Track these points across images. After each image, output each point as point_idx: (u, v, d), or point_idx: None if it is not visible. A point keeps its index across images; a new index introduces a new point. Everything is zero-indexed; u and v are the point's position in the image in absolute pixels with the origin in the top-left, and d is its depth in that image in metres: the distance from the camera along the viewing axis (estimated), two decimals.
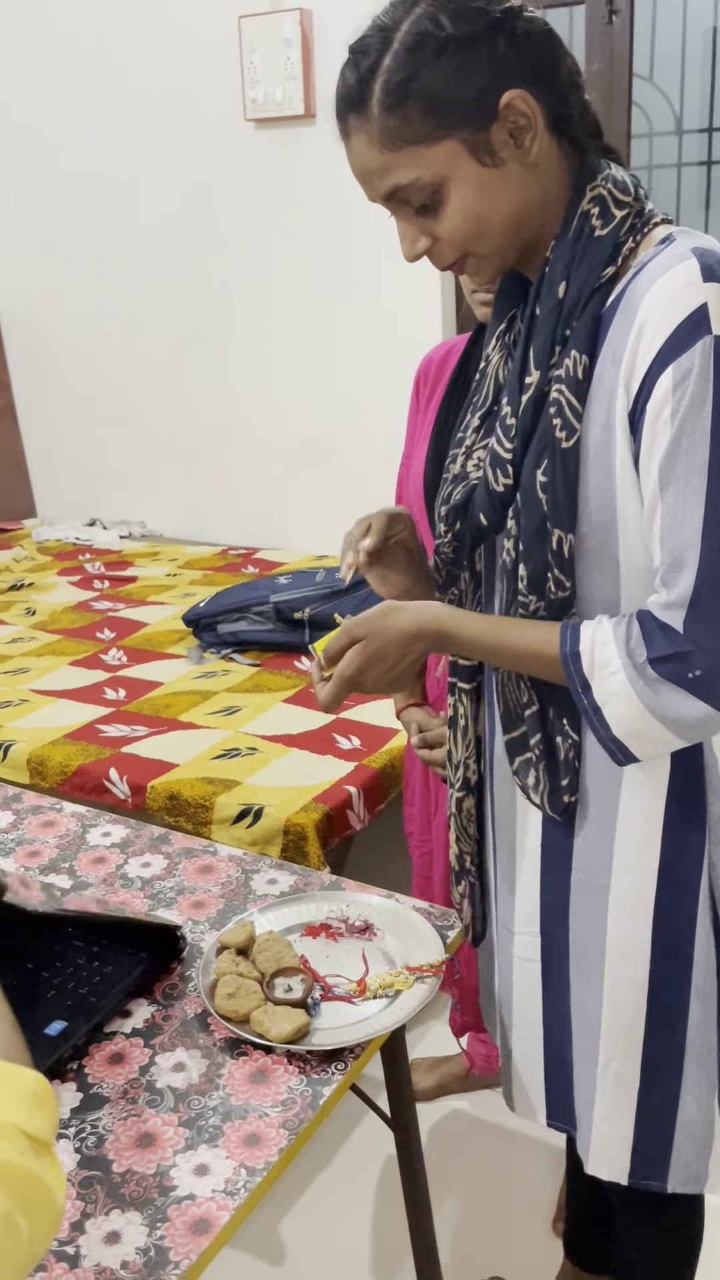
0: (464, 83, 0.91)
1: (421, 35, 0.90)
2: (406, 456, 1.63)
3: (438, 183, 0.94)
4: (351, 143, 0.97)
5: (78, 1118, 0.98)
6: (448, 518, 1.09)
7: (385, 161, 0.95)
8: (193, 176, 3.34)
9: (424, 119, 0.92)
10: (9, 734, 2.23)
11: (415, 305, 3.03)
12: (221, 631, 2.68)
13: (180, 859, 1.40)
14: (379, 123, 0.93)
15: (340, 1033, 1.06)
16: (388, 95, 0.92)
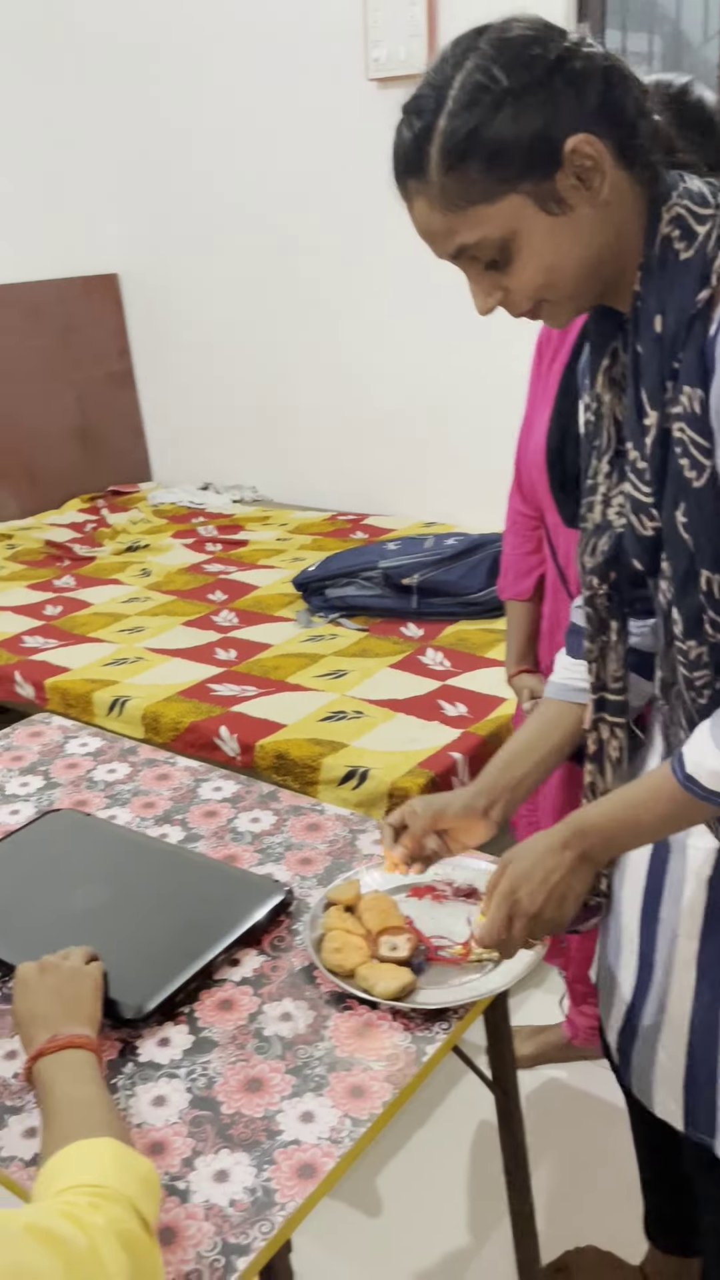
0: (524, 134, 0.86)
1: (475, 90, 0.86)
2: (528, 420, 1.60)
3: (505, 238, 0.91)
4: (413, 205, 0.94)
5: (189, 1059, 1.01)
6: (599, 570, 1.05)
7: (449, 223, 0.92)
8: (311, 138, 3.33)
9: (485, 176, 0.88)
10: (125, 690, 2.29)
11: None
12: (330, 596, 2.70)
13: (288, 816, 1.42)
14: (439, 185, 0.90)
15: (444, 993, 1.07)
16: (445, 157, 0.89)
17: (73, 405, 3.99)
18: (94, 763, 1.60)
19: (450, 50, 0.90)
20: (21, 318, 3.76)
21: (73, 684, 2.35)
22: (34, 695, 2.42)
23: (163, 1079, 0.99)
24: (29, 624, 2.77)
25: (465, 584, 2.58)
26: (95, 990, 1.02)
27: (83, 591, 3.03)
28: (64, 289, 3.88)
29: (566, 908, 1.02)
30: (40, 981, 1.01)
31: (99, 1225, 0.71)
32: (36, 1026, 0.96)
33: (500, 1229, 1.69)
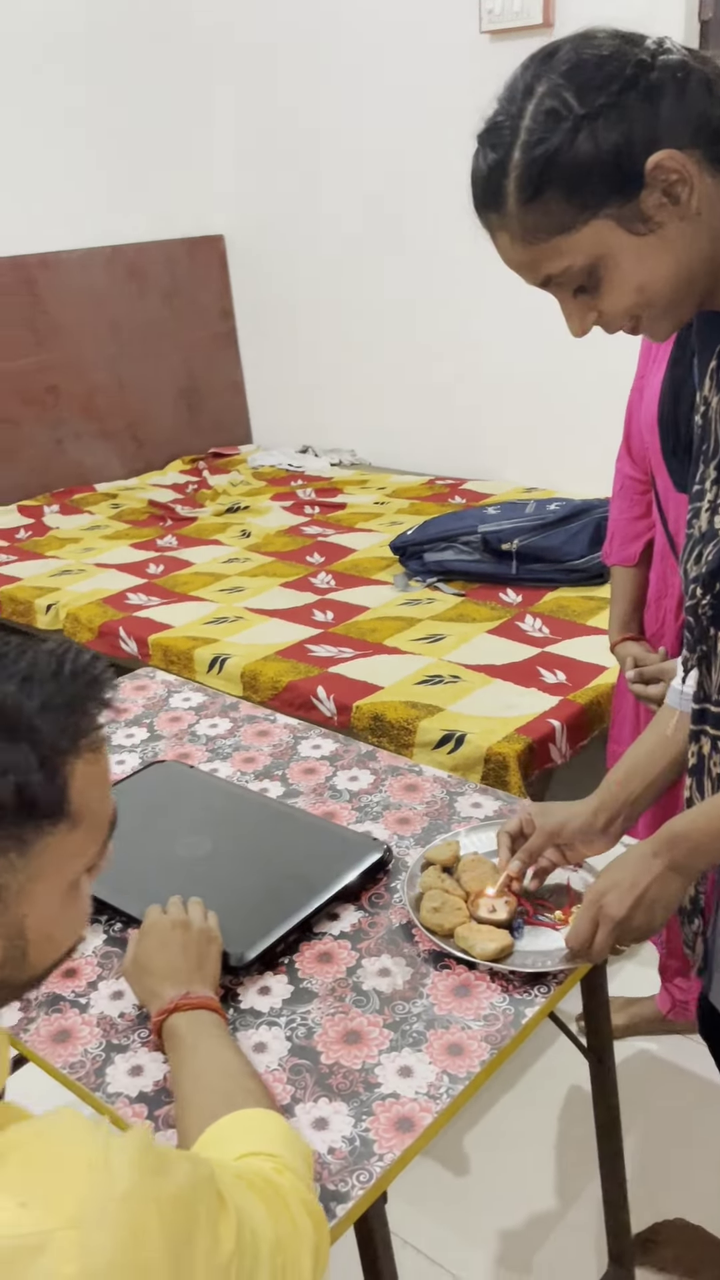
0: (602, 158, 0.83)
1: (548, 118, 0.83)
2: (639, 378, 1.56)
3: (592, 265, 0.88)
4: (495, 238, 0.92)
5: (288, 1008, 1.03)
6: (703, 579, 1.00)
7: (533, 255, 0.89)
8: (421, 93, 3.28)
9: (565, 206, 0.85)
10: (225, 648, 2.33)
11: None
12: (428, 560, 2.69)
13: (386, 776, 1.43)
14: (518, 219, 0.87)
15: (544, 958, 1.06)
16: (522, 191, 0.86)
17: (178, 367, 4.04)
18: (196, 717, 1.63)
19: (521, 74, 0.87)
20: (128, 279, 3.81)
21: (174, 641, 2.40)
22: (137, 651, 2.47)
23: (263, 1026, 1.01)
24: (133, 582, 2.83)
25: (567, 550, 2.53)
26: (219, 955, 1.04)
27: (184, 551, 3.08)
28: (170, 250, 3.91)
29: (655, 915, 1.01)
30: (173, 936, 1.03)
31: (286, 1189, 0.72)
32: (168, 981, 0.98)
33: (586, 1196, 1.69)
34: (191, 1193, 0.61)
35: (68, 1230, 0.54)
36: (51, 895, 0.66)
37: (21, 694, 0.61)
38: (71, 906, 0.69)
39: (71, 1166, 0.57)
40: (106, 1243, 0.55)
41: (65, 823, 0.64)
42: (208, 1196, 0.63)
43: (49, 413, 3.69)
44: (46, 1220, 0.55)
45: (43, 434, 3.69)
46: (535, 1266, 1.60)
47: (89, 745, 0.64)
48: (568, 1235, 1.64)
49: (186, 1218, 0.60)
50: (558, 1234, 1.65)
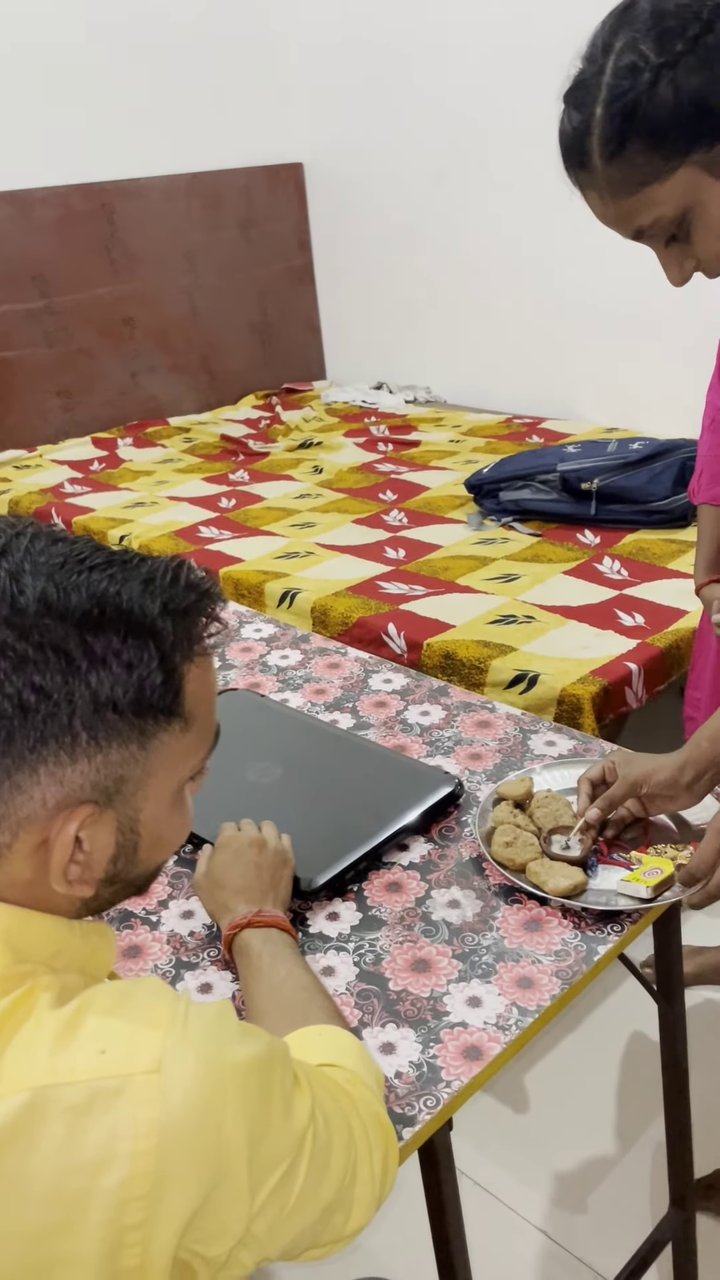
0: (683, 106, 0.83)
1: (627, 73, 0.84)
2: None
3: (681, 213, 0.90)
4: (586, 195, 0.94)
5: (356, 935, 1.02)
6: None
7: (622, 209, 0.91)
8: (507, 19, 3.14)
9: (650, 158, 0.86)
10: (295, 583, 2.31)
11: None
12: (503, 499, 2.63)
13: (459, 712, 1.40)
14: (604, 175, 0.89)
15: (619, 897, 1.03)
16: (606, 146, 0.87)
17: (252, 301, 3.99)
18: (267, 648, 1.62)
19: (600, 31, 0.88)
20: (204, 209, 3.75)
21: (245, 574, 2.39)
22: None
23: (331, 951, 1.00)
24: (204, 515, 2.82)
25: (649, 490, 2.46)
26: (291, 877, 1.04)
27: (256, 486, 3.06)
28: (248, 178, 3.84)
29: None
30: (248, 853, 1.03)
31: (359, 1099, 0.73)
32: (241, 897, 0.98)
33: (644, 1140, 1.69)
34: (268, 1061, 0.63)
35: (147, 1075, 0.56)
36: (163, 794, 0.68)
37: (145, 596, 0.63)
38: (178, 810, 0.71)
39: (152, 1020, 0.59)
40: (183, 1092, 0.57)
41: (179, 722, 0.66)
42: (284, 1070, 0.65)
43: (124, 345, 3.68)
44: (126, 1066, 0.57)
45: (118, 366, 3.68)
46: (591, 1206, 1.61)
47: (200, 652, 0.67)
48: (625, 1178, 1.64)
49: (261, 1082, 0.62)
50: (617, 1175, 1.65)
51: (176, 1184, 0.56)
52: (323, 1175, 0.66)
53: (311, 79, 3.80)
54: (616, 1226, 1.55)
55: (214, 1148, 0.57)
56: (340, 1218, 0.69)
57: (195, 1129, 0.56)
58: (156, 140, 3.58)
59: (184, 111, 3.61)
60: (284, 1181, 0.62)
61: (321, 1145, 0.66)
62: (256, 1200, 0.60)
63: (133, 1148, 0.55)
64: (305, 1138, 0.64)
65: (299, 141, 3.93)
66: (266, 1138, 0.61)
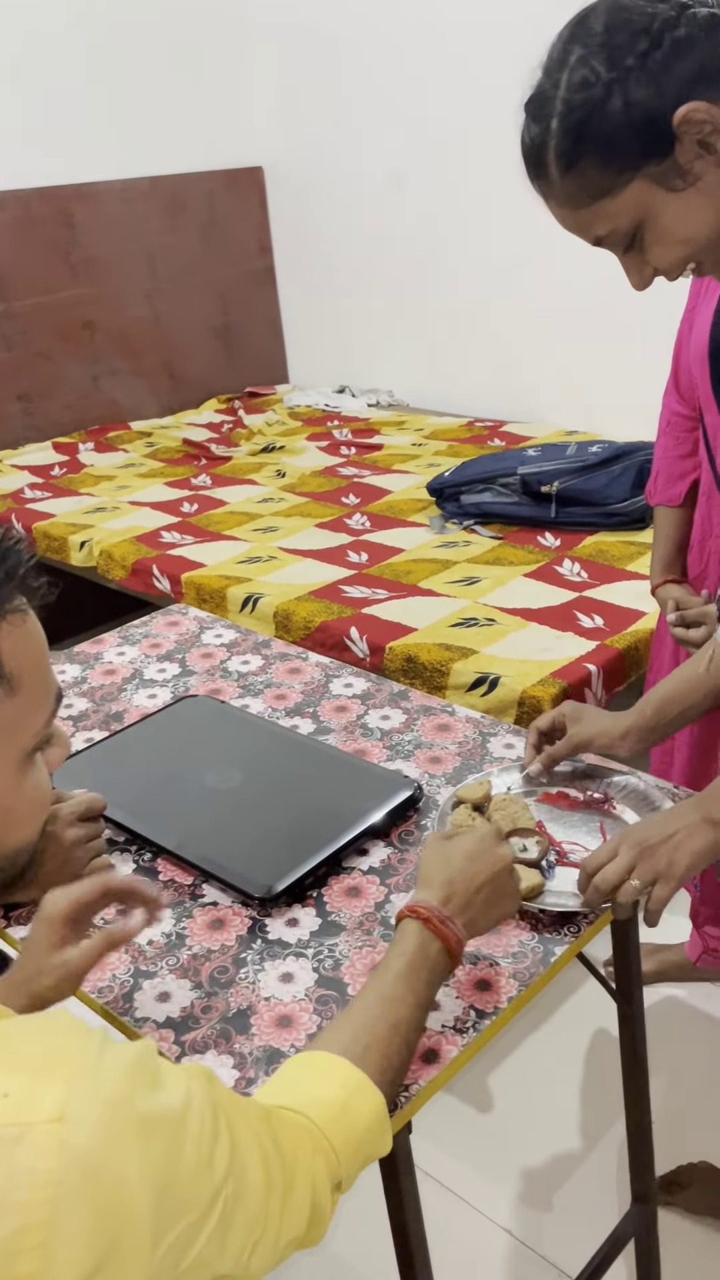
0: (633, 120, 0.86)
1: (579, 88, 0.86)
2: (689, 311, 1.50)
3: (635, 225, 0.92)
4: (548, 205, 0.96)
5: (316, 940, 1.02)
6: None
7: (579, 220, 0.94)
8: (463, 22, 3.16)
9: (602, 172, 0.89)
10: (258, 587, 2.31)
11: None
12: (465, 502, 2.65)
13: (419, 715, 1.41)
14: (560, 187, 0.92)
15: (575, 898, 1.04)
16: (560, 159, 0.89)
17: (214, 304, 3.98)
18: (228, 654, 1.62)
19: (558, 43, 0.90)
20: (164, 212, 3.74)
21: (208, 579, 2.39)
22: (170, 589, 2.46)
23: (290, 957, 1.01)
24: (166, 520, 2.81)
25: (608, 493, 2.48)
26: (497, 921, 0.96)
27: (219, 490, 3.06)
28: (208, 182, 3.84)
29: (678, 860, 0.99)
30: (499, 866, 0.93)
31: (307, 1172, 0.70)
32: (457, 895, 0.90)
33: (609, 1137, 1.70)
34: (181, 1113, 0.60)
35: (49, 1124, 0.53)
36: (3, 764, 0.67)
37: None
38: (25, 779, 0.69)
39: (59, 1063, 0.56)
40: (86, 1143, 0.53)
41: (1, 687, 0.66)
42: (201, 1121, 0.61)
43: (85, 349, 3.66)
44: (27, 1113, 0.53)
45: (78, 370, 3.66)
46: (557, 1204, 1.62)
47: (11, 610, 0.66)
48: (590, 1175, 1.65)
49: (171, 1135, 0.58)
50: (580, 1173, 1.66)
51: (73, 1236, 0.52)
52: (224, 1241, 0.62)
53: (271, 83, 3.80)
54: (581, 1224, 1.56)
55: (115, 1202, 0.54)
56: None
57: (96, 1182, 0.53)
58: (116, 144, 3.56)
59: (144, 115, 3.60)
60: (185, 1236, 0.59)
61: (227, 1215, 0.62)
62: (155, 1253, 0.56)
63: (28, 1198, 0.52)
64: (219, 1196, 0.61)
65: (259, 145, 3.93)
66: (173, 1190, 0.58)
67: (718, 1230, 1.55)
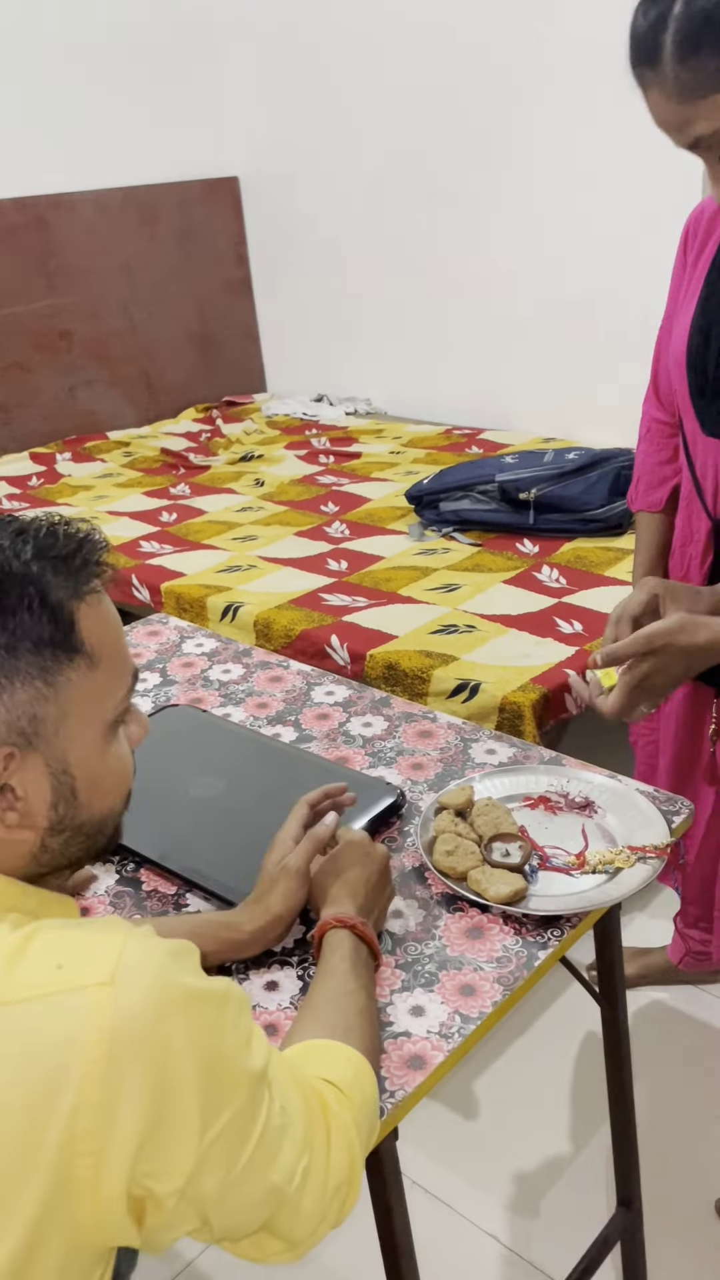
0: None
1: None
2: (668, 317, 1.51)
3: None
4: (648, 95, 0.92)
5: (300, 949, 1.02)
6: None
7: (685, 114, 0.90)
8: (439, 32, 3.18)
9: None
10: (238, 596, 2.31)
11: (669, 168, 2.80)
12: (443, 509, 2.66)
13: (400, 722, 1.42)
14: (673, 76, 0.88)
15: (558, 901, 1.05)
16: (680, 47, 0.86)
17: (191, 313, 3.98)
18: (209, 663, 1.62)
19: None
20: (140, 222, 3.74)
21: (187, 589, 2.38)
22: (150, 599, 2.46)
23: (275, 965, 1.01)
24: (145, 530, 2.81)
25: (585, 499, 2.50)
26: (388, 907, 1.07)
27: (197, 499, 3.05)
28: (183, 192, 3.84)
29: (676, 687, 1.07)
30: (378, 866, 1.02)
31: (340, 1122, 0.74)
32: (356, 900, 0.98)
33: (595, 1142, 1.71)
34: (223, 996, 0.64)
35: (103, 987, 0.58)
36: (87, 734, 0.71)
37: (17, 544, 0.68)
38: (110, 751, 0.73)
39: (109, 940, 0.61)
40: (135, 1004, 0.58)
41: (83, 659, 0.70)
42: (241, 1014, 0.66)
43: (61, 358, 3.65)
44: (81, 978, 0.58)
45: (55, 380, 3.65)
46: (544, 1210, 1.62)
47: (89, 591, 0.71)
48: (577, 1179, 1.66)
49: (214, 1011, 0.63)
50: (567, 1177, 1.66)
51: (125, 1095, 0.57)
52: (274, 1153, 0.66)
53: (246, 93, 3.81)
54: (568, 1228, 1.57)
55: (163, 1065, 0.58)
56: (288, 1217, 0.68)
57: (145, 1041, 0.58)
58: (91, 154, 3.56)
59: (119, 126, 3.60)
60: (234, 1128, 0.63)
61: (275, 1126, 0.66)
62: (206, 1136, 0.61)
63: (84, 1054, 0.56)
64: (260, 1089, 0.65)
65: (234, 155, 3.94)
66: (217, 1068, 0.62)
67: (703, 1235, 1.56)
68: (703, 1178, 1.63)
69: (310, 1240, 0.70)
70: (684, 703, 1.64)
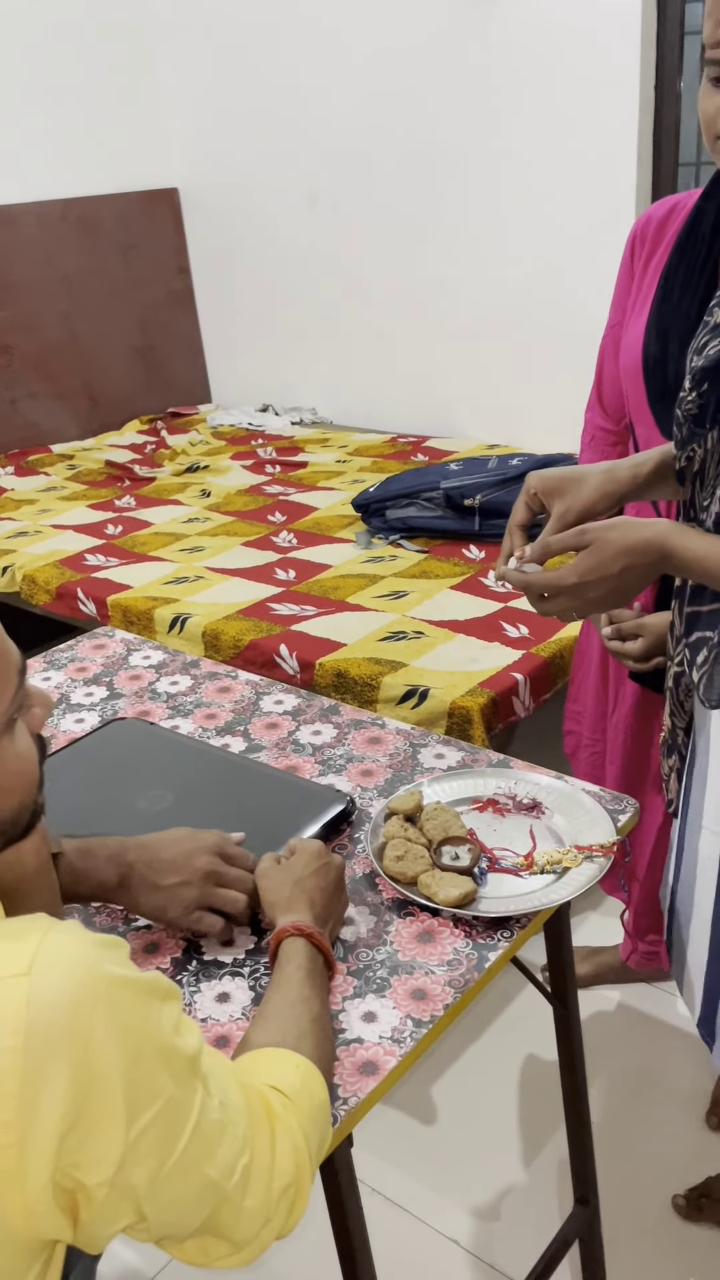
0: None
1: None
2: (614, 326, 1.52)
3: None
4: None
5: (252, 959, 1.02)
6: (698, 375, 1.00)
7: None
8: (378, 43, 3.21)
9: None
10: (186, 608, 2.30)
11: (608, 176, 2.85)
12: (390, 517, 2.67)
13: (349, 729, 1.42)
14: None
15: (507, 902, 1.06)
16: None
17: (133, 325, 3.96)
18: (156, 675, 1.61)
19: None
20: (80, 234, 3.71)
21: (134, 601, 2.37)
22: (96, 613, 2.44)
23: (226, 976, 1.00)
24: (90, 543, 2.78)
25: None
26: None
27: (143, 511, 3.04)
28: (123, 204, 3.82)
29: (611, 604, 1.04)
30: (334, 875, 1.03)
31: (286, 1126, 0.73)
32: (313, 908, 0.98)
33: (554, 1141, 1.72)
34: (150, 985, 0.64)
35: (18, 978, 0.57)
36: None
37: None
38: (8, 752, 0.72)
39: (30, 933, 0.60)
40: (53, 994, 0.57)
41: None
42: (169, 1005, 0.65)
43: (2, 372, 3.61)
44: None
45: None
46: (504, 1212, 1.63)
47: None
48: (535, 1180, 1.67)
49: (139, 998, 0.62)
50: (526, 1179, 1.67)
51: (46, 1085, 0.56)
52: (211, 1147, 0.65)
53: (184, 104, 3.81)
54: (528, 1230, 1.57)
55: (84, 1054, 0.58)
56: (229, 1216, 0.68)
57: (64, 1031, 0.57)
58: (30, 166, 3.53)
59: (57, 137, 3.57)
60: (166, 1119, 0.62)
61: (212, 1120, 0.66)
62: (134, 1127, 0.60)
63: (1, 1045, 0.56)
64: (193, 1080, 0.65)
65: (174, 167, 3.93)
66: (144, 1058, 0.61)
67: (660, 1230, 1.58)
68: (660, 1173, 1.65)
69: (256, 1243, 0.70)
70: (632, 712, 1.66)
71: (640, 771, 1.71)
